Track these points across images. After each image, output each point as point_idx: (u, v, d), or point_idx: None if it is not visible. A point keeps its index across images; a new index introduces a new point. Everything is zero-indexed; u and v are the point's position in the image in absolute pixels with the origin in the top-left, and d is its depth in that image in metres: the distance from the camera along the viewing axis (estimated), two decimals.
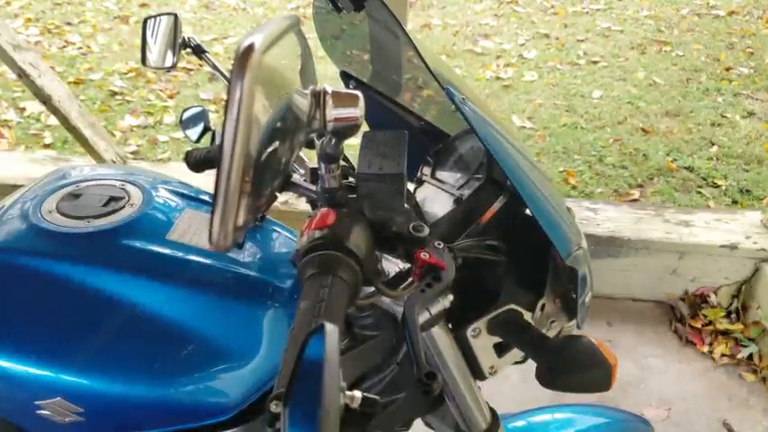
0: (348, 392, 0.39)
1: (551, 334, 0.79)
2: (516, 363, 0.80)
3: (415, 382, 0.51)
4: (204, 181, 0.98)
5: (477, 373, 0.77)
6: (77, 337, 0.76)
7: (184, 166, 0.87)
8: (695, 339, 2.03)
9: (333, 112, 0.51)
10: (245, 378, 0.78)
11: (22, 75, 2.12)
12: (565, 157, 2.98)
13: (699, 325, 2.06)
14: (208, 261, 0.81)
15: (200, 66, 3.73)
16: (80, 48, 4.07)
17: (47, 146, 3.02)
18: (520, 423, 1.02)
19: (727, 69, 3.80)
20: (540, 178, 0.76)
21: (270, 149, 0.46)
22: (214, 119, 1.03)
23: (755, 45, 4.13)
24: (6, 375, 0.75)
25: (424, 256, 0.61)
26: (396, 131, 0.69)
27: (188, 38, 1.00)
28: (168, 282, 0.79)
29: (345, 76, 1.02)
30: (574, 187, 2.76)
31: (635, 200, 2.69)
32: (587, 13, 4.71)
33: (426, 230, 0.64)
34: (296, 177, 0.75)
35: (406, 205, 0.65)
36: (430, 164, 0.91)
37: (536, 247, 0.74)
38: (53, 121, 2.89)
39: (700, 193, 2.73)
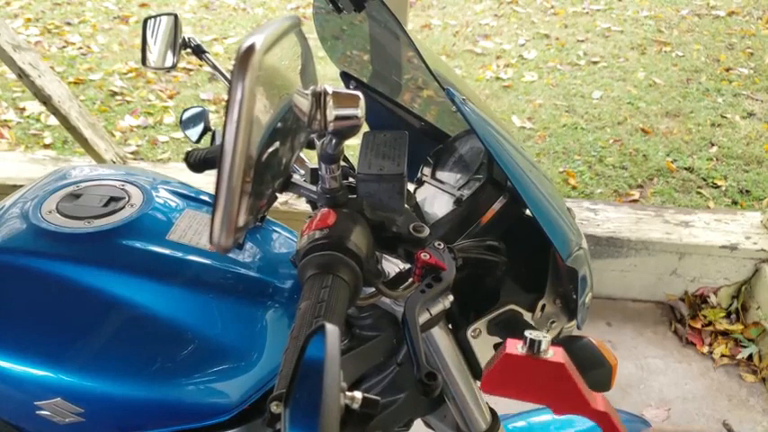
0: (348, 393, 0.39)
1: (551, 334, 0.79)
2: None
3: (415, 383, 0.50)
4: (204, 181, 0.98)
5: (477, 373, 0.77)
6: (77, 337, 0.76)
7: (184, 166, 0.87)
8: (695, 340, 2.03)
9: (333, 113, 0.51)
10: (246, 378, 0.78)
11: (21, 75, 2.12)
12: (565, 157, 2.98)
13: (699, 325, 2.07)
14: (208, 261, 0.81)
15: (200, 66, 3.73)
16: (80, 48, 4.07)
17: (47, 146, 3.02)
18: (520, 423, 1.02)
19: (727, 70, 3.80)
20: (540, 179, 0.76)
21: (270, 150, 0.46)
22: (214, 119, 1.03)
23: (755, 46, 4.13)
24: (6, 376, 0.75)
25: (424, 256, 0.61)
26: (396, 132, 0.69)
27: (188, 38, 1.00)
28: (168, 282, 0.79)
29: (346, 77, 1.02)
30: (574, 188, 2.76)
31: (635, 200, 2.69)
32: (587, 13, 4.71)
33: (426, 231, 0.64)
34: (296, 178, 0.75)
35: (406, 206, 0.66)
36: (430, 164, 0.91)
37: (536, 247, 0.74)
38: (53, 121, 2.89)
39: (699, 193, 2.73)
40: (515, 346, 0.43)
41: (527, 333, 0.42)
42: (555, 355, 0.43)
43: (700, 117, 3.28)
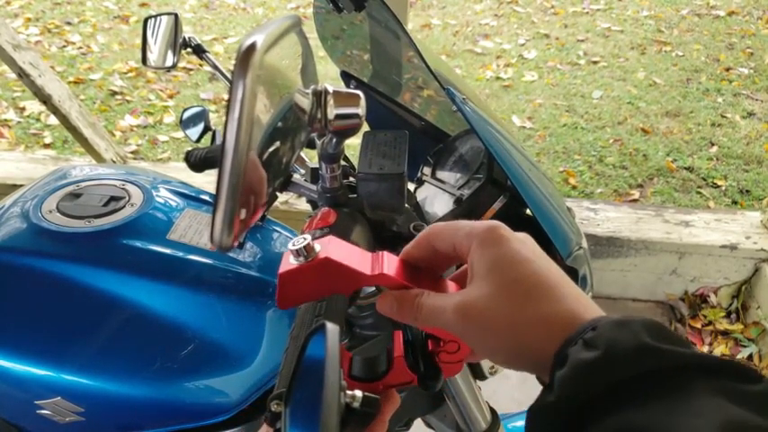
0: (349, 391, 0.39)
1: None
2: None
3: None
4: (204, 181, 0.98)
5: (477, 373, 0.77)
6: (77, 336, 0.76)
7: (184, 165, 0.87)
8: (695, 339, 2.03)
9: (334, 112, 0.51)
10: (246, 378, 0.78)
11: (22, 74, 2.12)
12: (565, 157, 2.98)
13: (699, 325, 2.07)
14: (208, 261, 0.81)
15: (200, 66, 3.73)
16: (80, 47, 4.07)
17: (47, 145, 3.02)
18: (520, 423, 1.02)
19: (727, 70, 3.80)
20: (541, 178, 0.76)
21: (271, 149, 0.46)
22: (214, 119, 1.03)
23: (755, 45, 4.13)
24: (6, 375, 0.75)
25: None
26: (396, 131, 0.69)
27: (188, 37, 1.00)
28: (168, 282, 0.79)
29: (346, 76, 1.02)
30: (574, 187, 2.76)
31: (635, 200, 2.69)
32: (587, 13, 4.71)
33: None
34: (296, 177, 0.75)
35: (406, 205, 0.66)
36: (430, 164, 0.91)
37: None
38: (53, 120, 2.89)
39: (699, 193, 2.73)
40: (288, 260, 0.41)
41: (290, 244, 0.41)
42: (321, 250, 0.42)
43: (700, 117, 3.28)
